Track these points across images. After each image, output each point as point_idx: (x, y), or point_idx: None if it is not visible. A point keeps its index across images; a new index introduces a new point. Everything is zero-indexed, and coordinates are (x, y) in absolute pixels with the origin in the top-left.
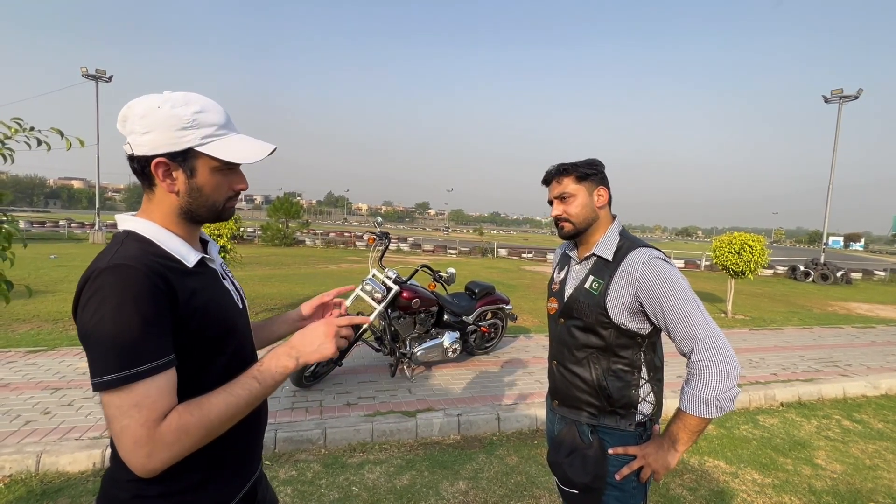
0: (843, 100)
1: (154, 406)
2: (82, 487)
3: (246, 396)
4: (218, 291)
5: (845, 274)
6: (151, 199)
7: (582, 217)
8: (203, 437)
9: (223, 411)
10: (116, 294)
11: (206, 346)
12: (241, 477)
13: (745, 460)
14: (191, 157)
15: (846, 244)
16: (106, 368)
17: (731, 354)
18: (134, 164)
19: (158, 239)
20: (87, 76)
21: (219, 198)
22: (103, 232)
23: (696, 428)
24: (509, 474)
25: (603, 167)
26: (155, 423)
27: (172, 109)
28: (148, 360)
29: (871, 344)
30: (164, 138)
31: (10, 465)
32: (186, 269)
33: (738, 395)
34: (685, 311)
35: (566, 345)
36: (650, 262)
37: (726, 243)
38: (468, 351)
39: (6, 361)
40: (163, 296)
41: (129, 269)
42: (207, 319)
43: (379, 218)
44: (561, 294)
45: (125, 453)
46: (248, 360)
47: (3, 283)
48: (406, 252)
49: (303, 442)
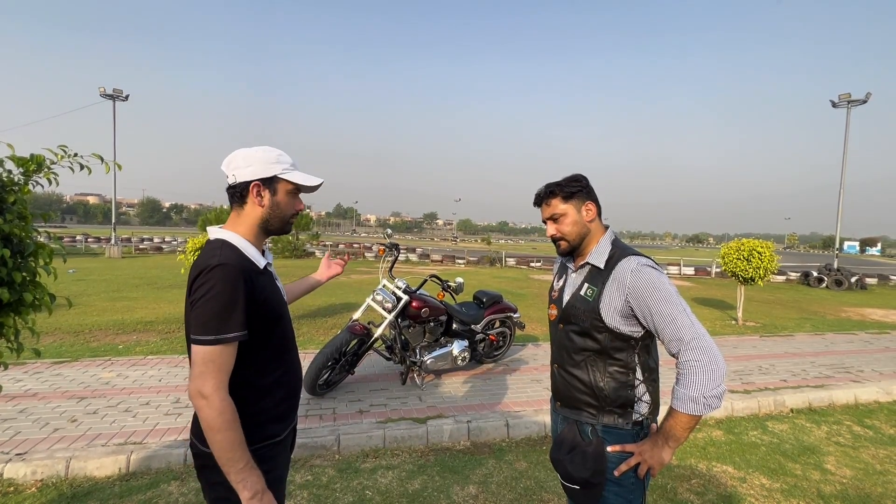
0: (852, 104)
1: (222, 368)
2: (109, 491)
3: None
4: (275, 288)
5: (860, 279)
6: (240, 214)
7: (575, 233)
8: (209, 425)
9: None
10: (222, 282)
11: (266, 324)
12: (286, 422)
13: (754, 465)
14: (275, 181)
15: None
16: (206, 331)
17: (716, 354)
18: (233, 190)
19: (242, 246)
20: (104, 95)
21: (287, 213)
22: (119, 246)
23: (686, 425)
24: (518, 479)
25: (586, 182)
26: (220, 383)
27: (265, 152)
28: (233, 330)
29: (885, 350)
30: (259, 169)
31: (41, 469)
32: (259, 270)
33: (724, 393)
34: (671, 315)
35: (565, 349)
36: (638, 269)
37: (735, 250)
38: (477, 359)
39: (33, 372)
40: (247, 288)
41: (231, 267)
42: (268, 307)
43: (389, 230)
44: (560, 301)
45: (191, 385)
46: (290, 337)
47: (47, 295)
48: (415, 262)
49: (317, 448)
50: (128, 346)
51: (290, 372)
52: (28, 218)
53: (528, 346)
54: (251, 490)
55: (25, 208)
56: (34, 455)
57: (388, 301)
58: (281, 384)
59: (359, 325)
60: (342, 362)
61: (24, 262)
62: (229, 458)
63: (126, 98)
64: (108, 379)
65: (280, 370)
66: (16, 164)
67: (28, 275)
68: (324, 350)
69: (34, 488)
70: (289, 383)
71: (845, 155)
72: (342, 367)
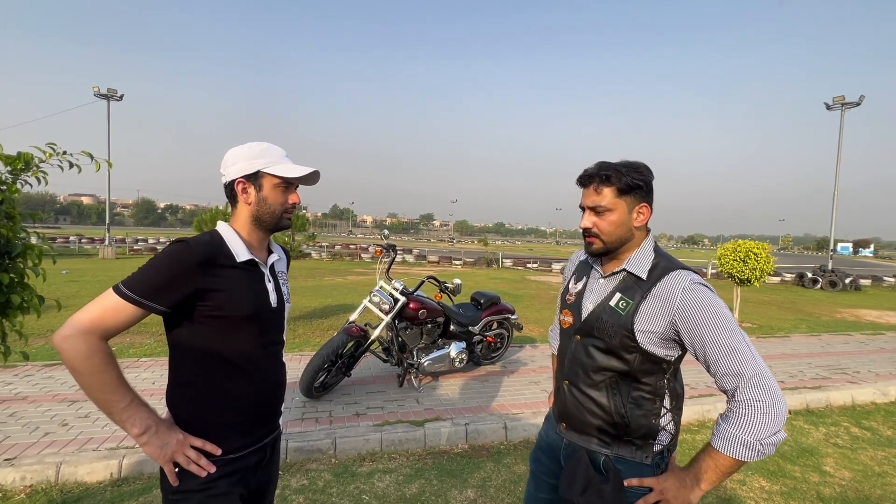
0: (846, 106)
1: (106, 317)
2: (101, 497)
3: (106, 400)
4: (252, 286)
5: (854, 280)
6: (235, 212)
7: (615, 236)
8: (72, 367)
9: (95, 384)
10: (166, 255)
11: (227, 320)
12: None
13: (753, 468)
14: (259, 176)
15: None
16: (124, 281)
17: (780, 396)
18: (226, 189)
19: (227, 238)
20: (99, 95)
21: (277, 207)
22: (113, 247)
23: (727, 469)
24: (517, 482)
25: (651, 177)
26: (97, 329)
27: (249, 149)
28: (144, 296)
29: (881, 351)
30: (243, 166)
31: (30, 475)
32: (234, 264)
33: (782, 440)
34: (731, 345)
35: (582, 365)
36: (691, 287)
37: (731, 251)
38: (475, 361)
39: (24, 375)
40: (197, 272)
41: (186, 246)
42: (230, 301)
43: (386, 231)
44: (577, 308)
45: (69, 320)
46: (266, 344)
47: (35, 297)
48: (412, 263)
49: (313, 452)
50: (121, 349)
51: (250, 386)
52: (16, 218)
53: (526, 347)
54: (140, 426)
55: (13, 208)
56: (23, 460)
57: (385, 303)
58: (233, 396)
59: (355, 326)
60: (339, 364)
61: (11, 263)
62: (107, 399)
63: (121, 98)
64: None
65: (235, 381)
66: (3, 162)
67: (16, 276)
68: (320, 352)
69: (23, 494)
70: (246, 397)
71: (839, 157)
72: (339, 369)
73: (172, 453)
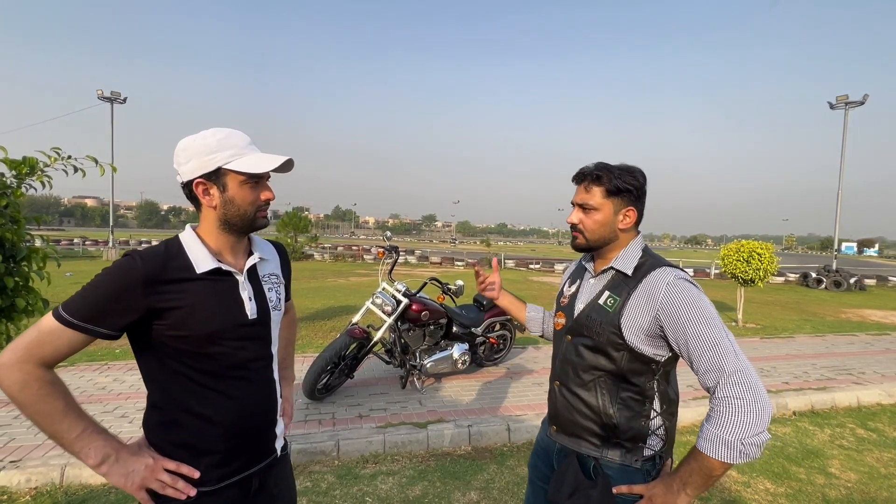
0: (850, 105)
1: (43, 344)
2: (105, 499)
3: (54, 431)
4: (218, 299)
5: (859, 280)
6: (200, 216)
7: (598, 235)
8: (14, 400)
9: (38, 415)
10: (107, 274)
11: (190, 339)
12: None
13: (758, 469)
14: (221, 174)
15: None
16: (67, 305)
17: (763, 394)
18: (184, 190)
19: (188, 245)
20: (102, 98)
21: (248, 207)
22: (116, 249)
23: (712, 472)
24: (520, 484)
25: (643, 181)
26: (33, 357)
27: (203, 140)
28: (84, 320)
29: (886, 351)
30: (199, 163)
31: (36, 477)
32: (191, 276)
33: (766, 441)
34: (713, 340)
35: (572, 365)
36: (675, 283)
37: (734, 251)
38: (477, 362)
39: None
40: (139, 289)
41: (131, 259)
42: (189, 319)
43: (388, 232)
44: (570, 309)
45: (8, 345)
46: (245, 363)
47: (40, 300)
48: (414, 264)
49: (316, 454)
50: (125, 350)
51: (227, 411)
52: (21, 222)
53: (529, 348)
54: (97, 457)
55: (18, 212)
56: (28, 462)
57: (387, 304)
58: (207, 421)
59: (358, 328)
60: (341, 366)
61: (16, 266)
62: (55, 430)
63: (124, 101)
64: (105, 384)
65: (207, 405)
66: (8, 167)
67: (21, 280)
68: (323, 354)
69: (28, 496)
70: (222, 424)
71: (843, 156)
72: (341, 371)
73: (142, 480)
